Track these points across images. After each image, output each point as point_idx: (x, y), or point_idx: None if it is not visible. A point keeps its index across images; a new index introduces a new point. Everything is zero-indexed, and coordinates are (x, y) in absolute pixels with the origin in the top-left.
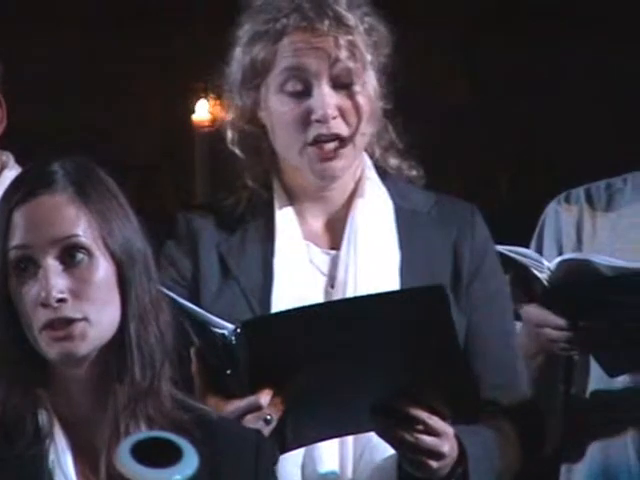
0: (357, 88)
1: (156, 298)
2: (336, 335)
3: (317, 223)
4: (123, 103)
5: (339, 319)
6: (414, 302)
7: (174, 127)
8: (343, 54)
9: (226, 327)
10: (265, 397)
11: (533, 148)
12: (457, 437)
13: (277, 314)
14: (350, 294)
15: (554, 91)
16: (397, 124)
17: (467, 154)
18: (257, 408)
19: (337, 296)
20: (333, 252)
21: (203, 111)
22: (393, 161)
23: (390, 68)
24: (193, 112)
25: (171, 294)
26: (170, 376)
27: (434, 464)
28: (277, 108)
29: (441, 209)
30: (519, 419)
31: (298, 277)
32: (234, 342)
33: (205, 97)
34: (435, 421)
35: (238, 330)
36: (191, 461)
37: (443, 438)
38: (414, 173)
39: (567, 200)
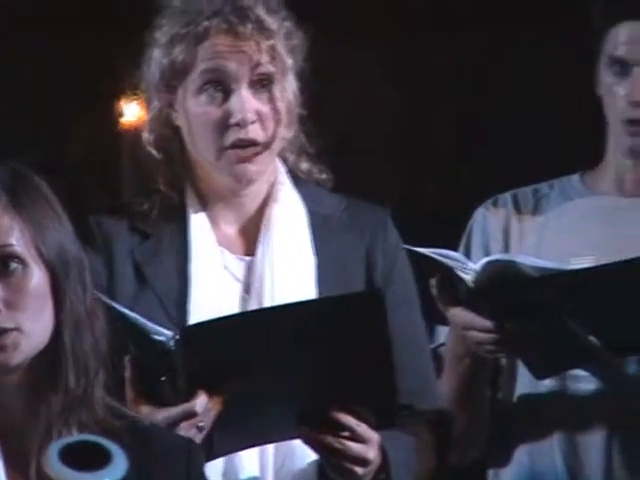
0: (277, 93)
1: (91, 305)
2: (269, 341)
3: (231, 229)
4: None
5: (270, 325)
6: (350, 308)
7: (104, 129)
8: (264, 58)
9: (164, 334)
10: (200, 404)
11: (461, 153)
12: (380, 443)
13: (216, 320)
14: (266, 300)
15: (484, 95)
16: (308, 128)
17: (396, 158)
18: (192, 415)
19: (253, 302)
20: (248, 258)
21: (131, 113)
22: (304, 165)
23: (306, 73)
24: (122, 114)
25: (108, 300)
26: (104, 383)
27: (360, 470)
28: (195, 110)
29: (353, 213)
30: (433, 424)
31: (213, 284)
32: (172, 349)
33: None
34: (363, 428)
35: (177, 337)
36: (120, 465)
37: (369, 444)
38: (324, 177)
39: (495, 205)
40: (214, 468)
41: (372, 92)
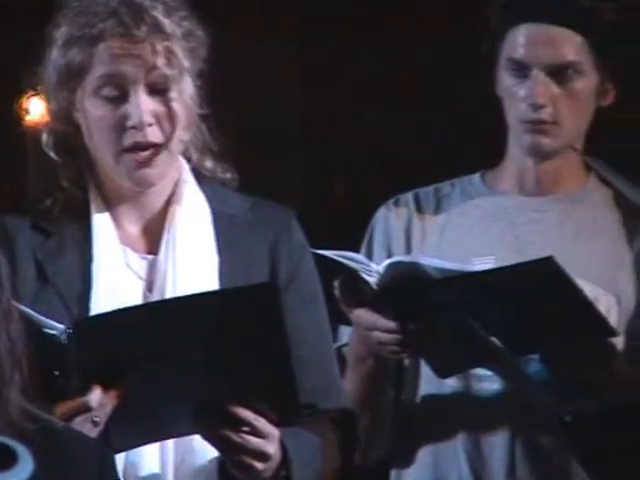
0: (173, 95)
1: (7, 307)
2: (165, 334)
3: (134, 227)
4: None
5: (166, 318)
6: (244, 300)
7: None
8: (160, 61)
9: (56, 327)
10: (95, 398)
11: (369, 149)
12: (281, 440)
13: (108, 313)
14: None
15: (389, 91)
16: (212, 126)
17: (302, 157)
18: (86, 409)
19: None
20: (151, 257)
21: (36, 110)
22: (209, 164)
23: (208, 72)
24: (27, 112)
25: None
26: (20, 386)
27: (259, 465)
28: (93, 112)
29: (258, 213)
30: (338, 422)
31: (116, 282)
32: (65, 342)
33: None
34: (262, 422)
35: (69, 330)
36: (26, 465)
37: (269, 439)
38: (228, 176)
39: (396, 205)
40: None
41: (276, 91)
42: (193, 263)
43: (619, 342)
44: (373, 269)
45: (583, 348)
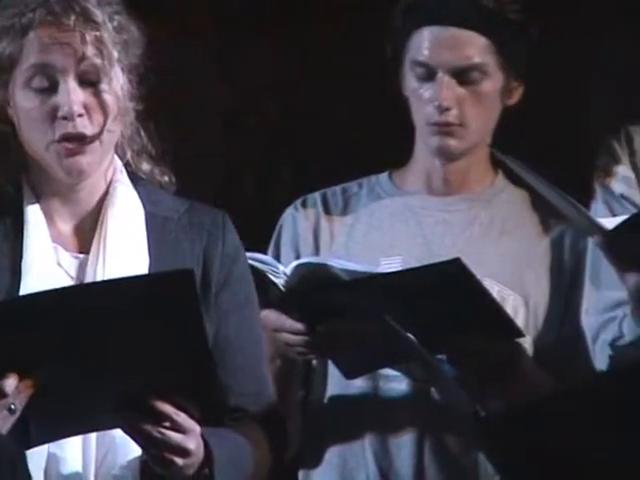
0: (104, 86)
1: None
2: (79, 323)
3: (66, 226)
4: None
5: (80, 306)
6: (159, 288)
7: None
8: (90, 51)
9: None
10: (10, 385)
11: (281, 148)
12: (204, 439)
13: (20, 298)
14: None
15: (304, 91)
16: (150, 129)
17: (212, 154)
18: (1, 396)
19: None
20: (82, 256)
21: None
22: (145, 166)
23: (142, 69)
24: None
25: None
26: None
27: (179, 461)
28: (23, 104)
29: (192, 216)
30: (266, 425)
31: (46, 280)
32: None
33: None
34: (182, 418)
35: None
36: None
37: (189, 435)
38: (166, 179)
39: (304, 206)
40: (35, 461)
41: (198, 91)
42: (123, 263)
43: (527, 342)
44: (280, 270)
45: (490, 348)
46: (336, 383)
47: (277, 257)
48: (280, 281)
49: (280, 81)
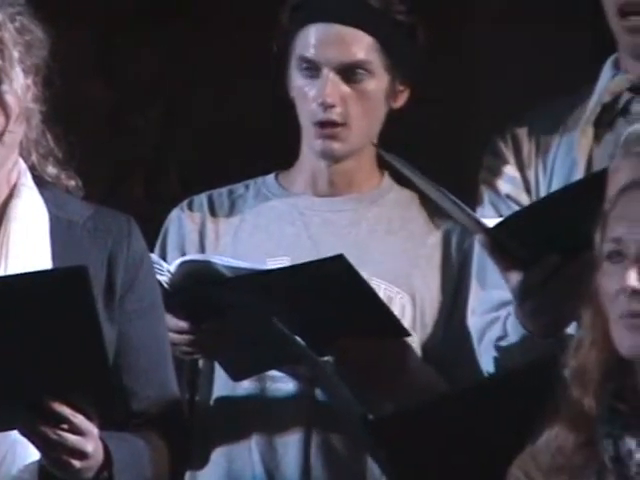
0: (5, 87)
1: None
2: None
3: None
4: None
5: None
6: (52, 285)
7: None
8: None
9: None
10: None
11: (168, 149)
12: (104, 442)
13: None
14: None
15: (190, 91)
16: (57, 133)
17: (99, 154)
18: None
19: None
20: None
21: None
22: (51, 170)
23: (46, 71)
24: None
25: None
26: None
27: (77, 464)
28: None
29: (98, 220)
30: (169, 430)
31: None
32: None
33: None
34: (80, 419)
35: None
36: None
37: (87, 437)
38: (72, 183)
39: (190, 207)
40: None
41: (81, 91)
42: (25, 266)
43: (414, 341)
44: (165, 268)
45: (375, 348)
46: (223, 384)
47: (163, 257)
48: (164, 279)
49: (165, 81)
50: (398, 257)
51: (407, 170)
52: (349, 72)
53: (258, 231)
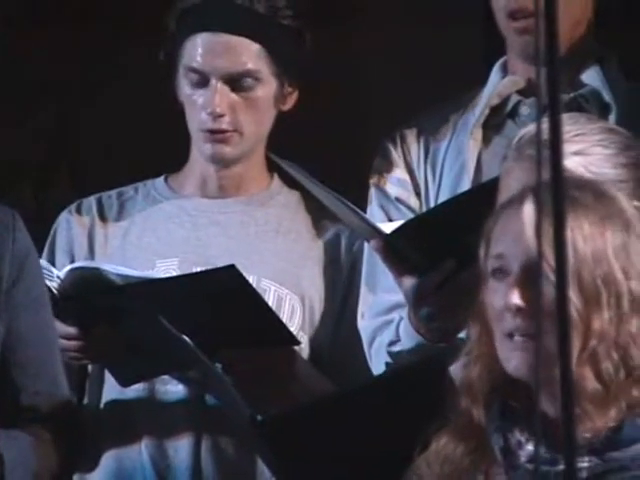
0: None
1: None
2: None
3: None
4: None
5: None
6: None
7: None
8: None
9: None
10: None
11: (59, 151)
12: None
13: None
14: None
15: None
16: None
17: None
18: None
19: None
20: None
21: None
22: None
23: None
24: None
25: None
26: None
27: None
28: None
29: None
30: (60, 427)
31: None
32: None
33: None
34: None
35: None
36: None
37: None
38: None
39: (78, 210)
40: None
41: None
42: None
43: (303, 342)
44: (54, 274)
45: (264, 356)
46: (112, 386)
47: (52, 261)
48: (54, 285)
49: (57, 82)
50: (287, 258)
51: (298, 174)
52: (237, 81)
53: (147, 233)
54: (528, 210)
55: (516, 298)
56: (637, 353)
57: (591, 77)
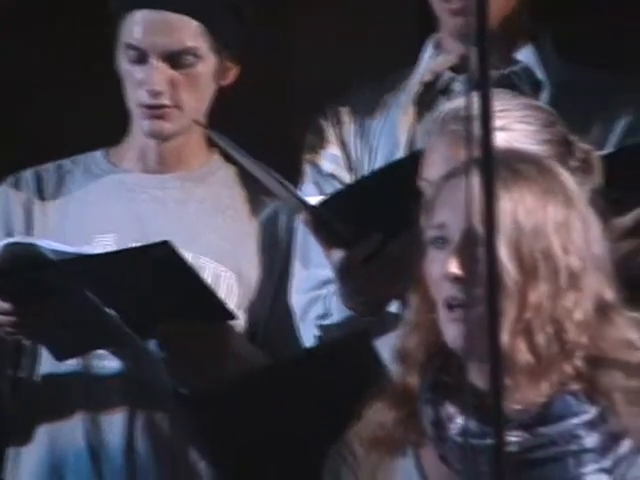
0: None
1: None
2: None
3: None
4: None
5: None
6: None
7: None
8: None
9: None
10: None
11: None
12: None
13: None
14: None
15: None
16: None
17: None
18: None
19: None
20: None
21: None
22: None
23: None
24: None
25: None
26: None
27: None
28: None
29: None
30: None
31: None
32: None
33: None
34: None
35: None
36: None
37: None
38: None
39: (17, 184)
40: None
41: None
42: None
43: (240, 319)
44: None
45: (200, 332)
46: (48, 361)
47: None
48: None
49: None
50: (225, 236)
51: (232, 149)
52: (176, 58)
53: (86, 208)
54: (473, 181)
55: (454, 267)
56: (572, 328)
57: (525, 54)
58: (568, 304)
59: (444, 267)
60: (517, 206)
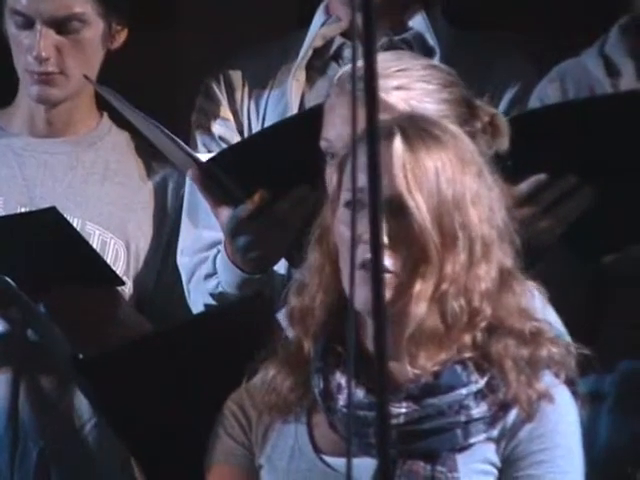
0: None
1: None
2: None
3: None
4: None
5: None
6: None
7: None
8: None
9: None
10: None
11: None
12: None
13: None
14: None
15: None
16: None
17: None
18: None
19: None
20: None
21: None
22: None
23: None
24: None
25: None
26: None
27: None
28: None
29: None
30: None
31: None
32: None
33: None
34: None
35: None
36: None
37: None
38: None
39: None
40: None
41: None
42: None
43: (128, 286)
44: None
45: (87, 297)
46: None
47: None
48: None
49: None
50: (114, 202)
51: (121, 104)
52: (63, 24)
53: None
54: (396, 145)
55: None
56: (480, 298)
57: (416, 21)
58: (480, 274)
59: (360, 229)
60: (439, 176)
